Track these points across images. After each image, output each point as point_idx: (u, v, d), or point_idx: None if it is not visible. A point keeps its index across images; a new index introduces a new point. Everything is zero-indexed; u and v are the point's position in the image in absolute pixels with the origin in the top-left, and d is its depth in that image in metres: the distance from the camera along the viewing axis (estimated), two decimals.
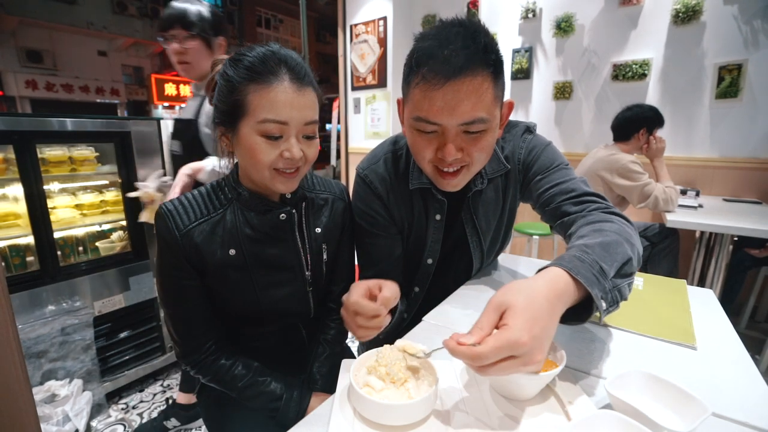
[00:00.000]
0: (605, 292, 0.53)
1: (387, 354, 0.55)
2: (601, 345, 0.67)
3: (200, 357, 0.73)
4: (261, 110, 0.63)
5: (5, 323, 0.83)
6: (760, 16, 2.18)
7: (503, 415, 0.50)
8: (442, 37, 0.64)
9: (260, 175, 0.67)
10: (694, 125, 2.45)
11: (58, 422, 1.51)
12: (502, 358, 0.42)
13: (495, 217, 0.88)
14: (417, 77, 0.65)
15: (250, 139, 0.64)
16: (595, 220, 0.67)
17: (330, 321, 0.87)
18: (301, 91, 0.65)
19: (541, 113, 2.96)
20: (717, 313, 0.80)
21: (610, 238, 0.60)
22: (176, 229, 0.67)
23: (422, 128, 0.68)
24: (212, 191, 0.73)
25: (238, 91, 0.64)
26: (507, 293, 0.47)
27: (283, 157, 0.65)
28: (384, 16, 3.28)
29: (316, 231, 0.80)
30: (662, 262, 2.11)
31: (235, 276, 0.72)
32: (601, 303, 0.51)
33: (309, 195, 0.79)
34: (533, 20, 2.84)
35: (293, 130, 0.65)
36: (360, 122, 3.65)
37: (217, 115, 0.69)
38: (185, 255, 0.68)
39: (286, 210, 0.74)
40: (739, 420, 0.49)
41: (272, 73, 0.63)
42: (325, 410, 0.53)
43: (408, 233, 0.88)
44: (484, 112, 0.64)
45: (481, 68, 0.62)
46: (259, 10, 14.54)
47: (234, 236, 0.71)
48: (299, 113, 0.65)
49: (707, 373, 0.59)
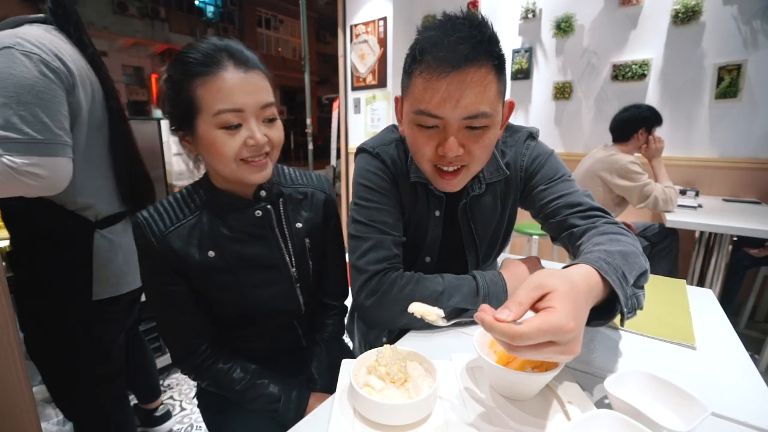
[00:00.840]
0: (626, 297, 0.52)
1: (387, 354, 0.55)
2: (601, 345, 0.67)
3: (196, 361, 0.73)
4: (213, 102, 0.62)
5: (5, 323, 0.83)
6: (759, 16, 2.18)
7: (503, 415, 0.50)
8: (447, 27, 0.62)
9: (228, 169, 0.65)
10: (694, 125, 2.45)
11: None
12: (543, 342, 0.40)
13: (493, 222, 0.86)
14: (420, 66, 0.62)
15: (209, 135, 0.63)
16: (608, 231, 0.67)
17: (326, 318, 0.86)
18: (249, 74, 0.64)
19: (541, 113, 2.96)
20: (716, 312, 0.80)
21: (627, 248, 0.60)
22: (152, 236, 0.67)
23: (423, 122, 0.65)
24: (187, 195, 0.72)
25: (185, 89, 0.63)
26: (548, 276, 0.44)
27: (247, 145, 0.64)
28: (384, 16, 3.28)
29: (297, 226, 0.78)
30: (662, 262, 2.12)
31: (218, 278, 0.71)
32: (624, 307, 0.51)
33: (286, 190, 0.78)
34: (533, 20, 2.85)
35: (251, 116, 0.64)
36: (360, 122, 3.65)
37: (172, 120, 0.68)
38: (165, 261, 0.68)
39: (261, 207, 0.72)
40: (738, 420, 0.49)
41: (215, 63, 0.62)
42: (325, 410, 0.53)
43: (408, 224, 0.85)
44: (488, 106, 0.63)
45: (486, 59, 0.61)
46: (259, 10, 14.54)
47: (212, 238, 0.70)
48: (253, 97, 0.64)
49: (707, 372, 0.59)
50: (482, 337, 0.58)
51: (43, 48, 0.82)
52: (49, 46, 0.83)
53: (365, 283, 0.72)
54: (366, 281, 0.72)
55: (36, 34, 0.83)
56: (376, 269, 0.73)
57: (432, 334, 0.71)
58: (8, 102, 0.76)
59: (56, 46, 0.85)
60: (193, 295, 0.72)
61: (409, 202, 0.82)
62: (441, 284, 0.72)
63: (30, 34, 0.82)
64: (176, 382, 1.84)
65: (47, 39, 0.85)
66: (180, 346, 0.73)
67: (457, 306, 0.71)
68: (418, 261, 0.87)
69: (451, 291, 0.71)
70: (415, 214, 0.83)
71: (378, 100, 3.47)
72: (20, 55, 0.78)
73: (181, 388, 1.79)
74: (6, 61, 0.77)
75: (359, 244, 0.76)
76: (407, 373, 0.53)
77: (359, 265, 0.74)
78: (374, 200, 0.77)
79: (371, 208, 0.77)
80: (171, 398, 1.72)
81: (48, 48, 0.83)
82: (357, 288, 0.74)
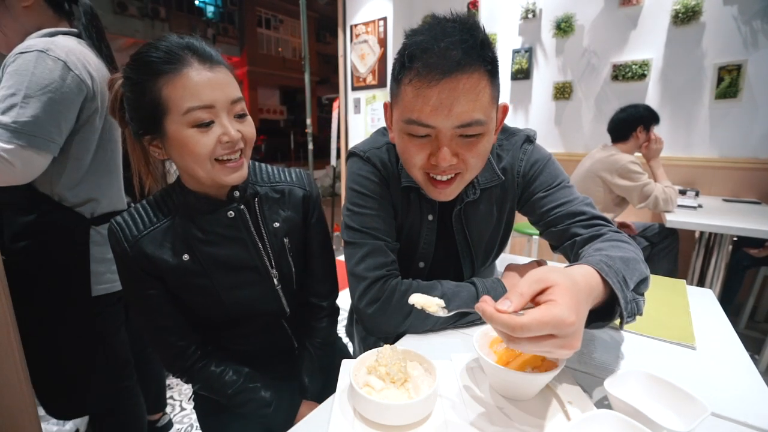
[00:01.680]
0: (626, 300, 0.52)
1: (387, 354, 0.55)
2: (601, 345, 0.67)
3: (186, 363, 0.72)
4: (181, 100, 0.59)
5: (6, 324, 0.84)
6: (759, 16, 2.18)
7: (503, 415, 0.50)
8: (436, 31, 0.59)
9: (203, 170, 0.63)
10: (694, 125, 2.45)
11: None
12: (543, 334, 0.39)
13: (488, 229, 0.83)
14: (409, 74, 0.60)
15: (180, 135, 0.60)
16: (611, 238, 0.67)
17: (316, 322, 0.85)
18: (215, 70, 0.62)
19: (541, 113, 2.96)
20: (716, 312, 0.80)
21: (629, 254, 0.60)
22: (125, 241, 0.66)
23: (414, 132, 0.63)
24: (160, 199, 0.71)
25: (149, 90, 0.60)
26: (549, 272, 0.44)
27: (221, 142, 0.62)
28: (384, 16, 3.28)
29: (275, 226, 0.76)
30: (662, 262, 2.12)
31: (194, 281, 0.70)
32: (624, 311, 0.51)
33: (261, 189, 0.75)
34: (533, 20, 2.85)
35: (222, 112, 0.62)
36: (360, 122, 3.65)
37: (136, 125, 0.65)
38: (139, 265, 0.67)
39: (234, 207, 0.70)
40: (738, 420, 0.49)
41: (179, 61, 0.60)
42: (324, 411, 0.53)
43: (401, 229, 0.82)
44: (482, 113, 0.60)
45: (478, 64, 0.58)
46: (260, 10, 14.55)
47: (185, 241, 0.68)
48: (222, 92, 0.62)
49: (706, 372, 0.59)
50: (482, 337, 0.58)
51: (70, 56, 0.89)
52: (78, 56, 0.91)
53: (366, 291, 0.71)
54: (366, 289, 0.71)
55: (67, 45, 0.91)
56: (375, 276, 0.72)
57: (432, 335, 0.71)
58: (17, 93, 0.82)
59: (85, 57, 0.93)
60: (172, 299, 0.71)
61: (401, 207, 0.80)
62: (440, 290, 0.72)
63: (62, 44, 0.90)
64: (176, 382, 1.83)
65: (78, 50, 0.92)
66: (165, 350, 0.72)
67: (458, 310, 0.71)
68: (411, 267, 0.85)
69: (450, 296, 0.71)
70: (408, 219, 0.80)
71: (378, 100, 3.47)
72: (48, 59, 0.85)
73: (181, 388, 1.79)
74: (33, 60, 0.84)
75: (355, 250, 0.74)
76: (407, 373, 0.53)
77: (357, 272, 0.73)
78: (367, 206, 0.75)
79: (364, 215, 0.75)
80: (171, 398, 1.72)
81: (76, 57, 0.90)
82: (357, 296, 0.73)
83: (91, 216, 1.00)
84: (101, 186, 1.02)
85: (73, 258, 0.98)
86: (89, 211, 1.00)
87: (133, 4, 10.43)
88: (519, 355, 0.54)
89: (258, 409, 0.73)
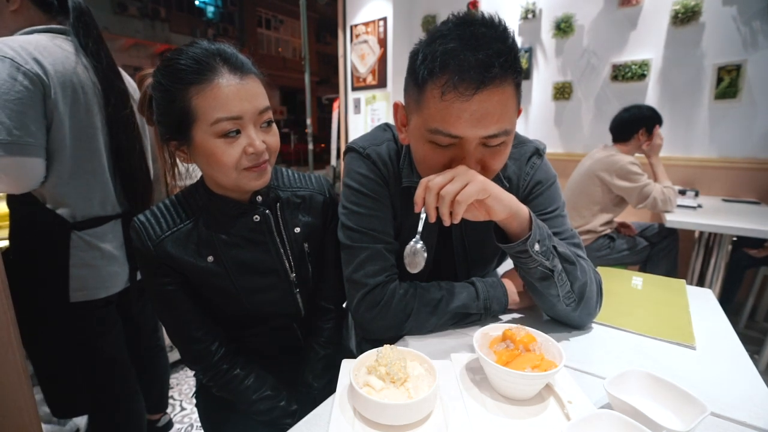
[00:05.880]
0: (544, 245, 0.62)
1: (387, 354, 0.55)
2: (601, 345, 0.67)
3: (211, 361, 0.73)
4: (210, 111, 0.60)
5: (6, 324, 0.83)
6: (759, 16, 2.18)
7: (503, 415, 0.51)
8: (467, 37, 0.56)
9: (227, 178, 0.64)
10: (694, 125, 2.45)
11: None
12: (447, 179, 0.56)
13: (489, 234, 0.72)
14: (438, 82, 0.56)
15: (207, 144, 0.62)
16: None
17: (323, 323, 0.85)
18: (245, 80, 0.62)
19: (541, 113, 2.96)
20: (716, 312, 0.80)
21: (578, 262, 0.67)
22: (149, 240, 0.67)
23: (439, 141, 0.60)
24: (183, 199, 0.71)
25: (179, 98, 0.61)
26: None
27: (247, 153, 0.63)
28: (384, 16, 3.28)
29: (296, 231, 0.76)
30: (661, 262, 2.12)
31: (217, 283, 0.71)
32: (535, 245, 0.61)
33: (283, 194, 0.76)
34: (533, 21, 2.85)
35: (249, 123, 0.63)
36: (360, 122, 3.65)
37: (164, 131, 0.66)
38: (163, 263, 0.68)
39: (260, 212, 0.71)
40: (737, 419, 0.49)
41: (210, 70, 0.60)
42: (325, 410, 0.53)
43: (399, 229, 0.80)
44: (509, 123, 0.59)
45: (511, 77, 0.57)
46: (260, 10, 14.56)
47: (210, 243, 0.69)
48: (250, 104, 0.62)
49: (706, 372, 0.59)
50: (482, 337, 0.58)
51: (18, 52, 0.83)
52: (28, 50, 0.85)
53: (364, 297, 0.70)
54: (365, 295, 0.70)
55: (23, 40, 0.86)
56: (375, 282, 0.70)
57: (432, 335, 0.71)
58: None
59: (41, 51, 0.87)
60: (194, 295, 0.72)
61: (400, 207, 0.77)
62: (440, 291, 0.72)
63: (16, 40, 0.85)
64: (176, 381, 1.83)
65: (36, 45, 0.86)
66: (189, 345, 0.73)
67: (458, 310, 0.71)
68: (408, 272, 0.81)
69: (451, 297, 0.71)
70: (408, 220, 0.78)
71: (378, 101, 3.47)
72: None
73: (181, 388, 1.79)
74: None
75: (353, 254, 0.72)
76: (407, 373, 0.53)
77: (356, 278, 0.71)
78: (365, 205, 0.73)
79: (363, 215, 0.73)
80: (171, 398, 1.72)
81: (27, 52, 0.84)
82: (355, 302, 0.71)
83: (72, 220, 0.96)
84: (79, 189, 0.97)
85: (53, 261, 0.95)
86: (70, 214, 0.96)
87: (133, 5, 10.43)
88: (519, 355, 0.54)
89: (281, 418, 0.75)
